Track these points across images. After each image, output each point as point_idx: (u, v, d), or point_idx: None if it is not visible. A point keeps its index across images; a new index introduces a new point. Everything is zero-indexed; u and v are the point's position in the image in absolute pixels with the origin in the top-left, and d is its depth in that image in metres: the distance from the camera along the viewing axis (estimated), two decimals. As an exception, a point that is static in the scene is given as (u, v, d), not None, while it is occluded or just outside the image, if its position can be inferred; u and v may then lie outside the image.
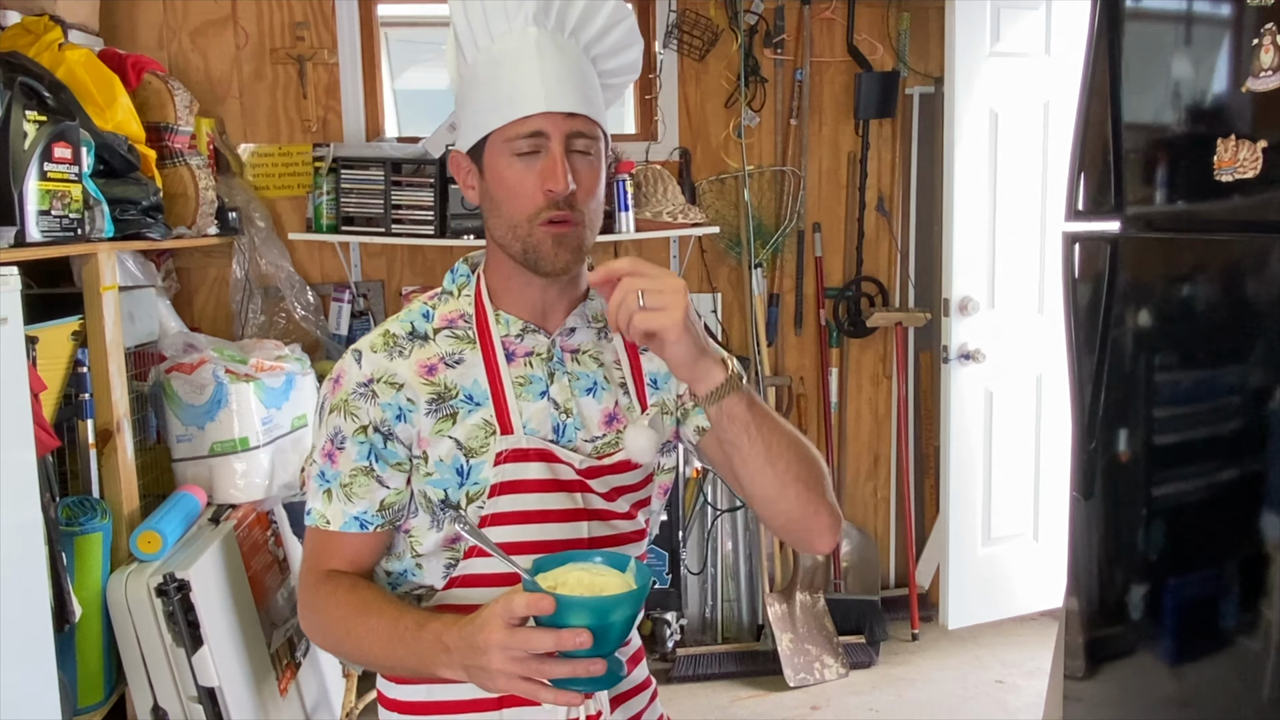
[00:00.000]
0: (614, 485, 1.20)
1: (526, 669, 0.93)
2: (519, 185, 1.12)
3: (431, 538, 1.17)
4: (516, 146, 1.11)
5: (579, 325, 1.23)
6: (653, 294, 1.03)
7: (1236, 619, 1.85)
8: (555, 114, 1.10)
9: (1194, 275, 1.96)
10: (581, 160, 1.13)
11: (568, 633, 0.91)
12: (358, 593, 1.13)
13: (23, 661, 1.73)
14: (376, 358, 1.16)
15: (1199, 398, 1.95)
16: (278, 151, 3.31)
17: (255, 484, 2.63)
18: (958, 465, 3.42)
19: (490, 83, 1.13)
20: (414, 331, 1.18)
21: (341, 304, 3.34)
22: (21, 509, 1.74)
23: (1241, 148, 1.78)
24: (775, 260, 3.63)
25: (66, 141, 2.01)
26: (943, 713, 3.14)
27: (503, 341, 1.18)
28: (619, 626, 0.94)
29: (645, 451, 1.17)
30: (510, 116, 1.11)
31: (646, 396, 1.24)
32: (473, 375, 1.17)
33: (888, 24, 3.58)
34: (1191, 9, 1.98)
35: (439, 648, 1.01)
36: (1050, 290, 3.44)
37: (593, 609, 0.92)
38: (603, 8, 1.16)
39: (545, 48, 1.12)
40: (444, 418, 1.15)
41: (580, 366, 1.21)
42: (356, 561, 1.18)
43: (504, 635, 0.93)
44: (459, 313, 1.20)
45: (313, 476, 1.18)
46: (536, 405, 1.17)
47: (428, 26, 3.76)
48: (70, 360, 2.21)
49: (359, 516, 1.15)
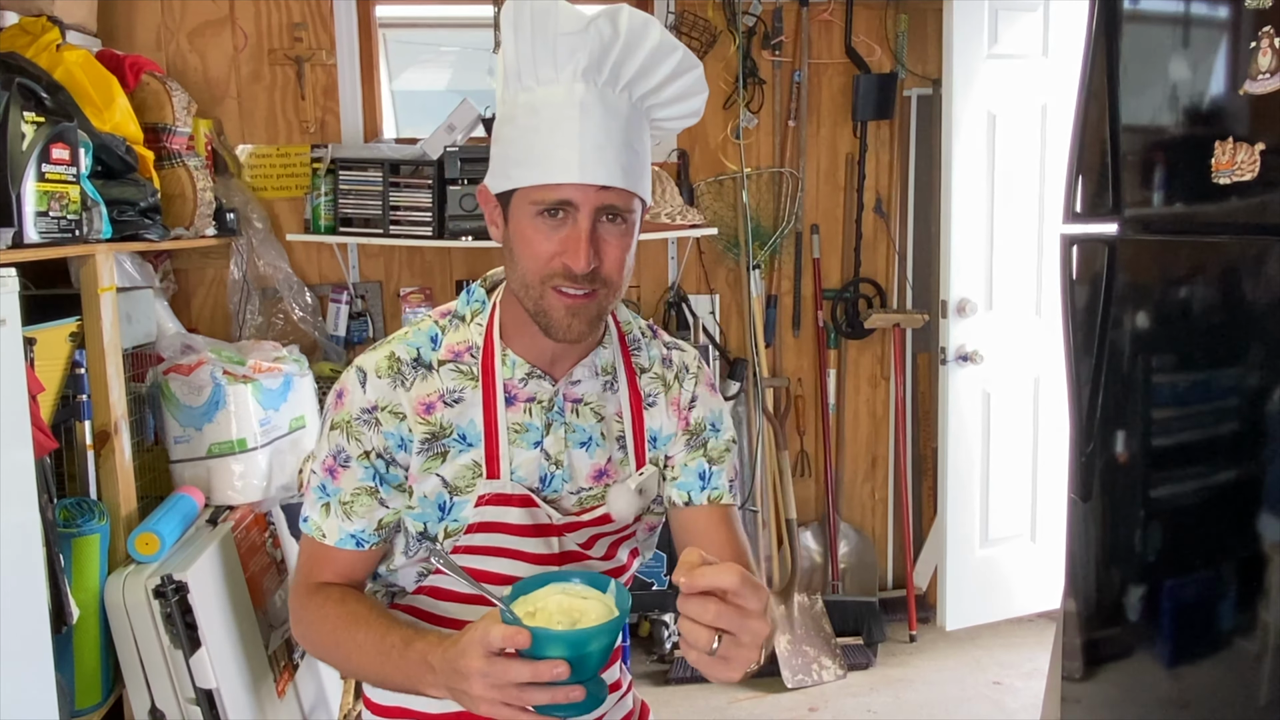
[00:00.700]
0: (593, 535, 1.20)
1: (506, 695, 0.93)
2: (538, 247, 1.07)
3: (401, 559, 1.19)
4: (541, 207, 1.06)
5: (585, 376, 1.20)
6: (731, 642, 0.90)
7: (1234, 621, 1.85)
8: (588, 186, 1.05)
9: (1192, 277, 1.96)
10: (610, 229, 1.08)
11: (545, 665, 0.91)
12: (346, 605, 1.13)
13: (20, 663, 1.72)
14: (381, 384, 1.14)
15: (1196, 400, 1.95)
16: (276, 152, 3.31)
17: (253, 485, 2.63)
18: (955, 467, 3.42)
19: (526, 132, 1.07)
20: (419, 359, 1.16)
21: (339, 305, 3.34)
22: (19, 510, 1.74)
23: (1239, 150, 1.78)
24: (773, 261, 3.63)
25: (64, 142, 2.01)
26: (940, 714, 3.14)
27: (505, 384, 1.16)
28: (596, 655, 0.94)
29: (626, 513, 1.18)
30: (540, 180, 1.05)
31: (645, 452, 1.22)
32: (470, 415, 1.15)
33: (886, 26, 3.59)
34: (1189, 11, 1.98)
35: (424, 667, 1.01)
36: (1048, 292, 3.44)
37: (569, 642, 0.92)
38: (667, 59, 1.10)
39: (590, 108, 1.05)
40: (434, 456, 1.15)
41: (579, 419, 1.19)
42: (349, 575, 1.19)
43: (483, 664, 0.93)
44: (467, 345, 1.18)
45: (312, 486, 1.18)
46: (529, 454, 1.16)
47: (426, 28, 3.76)
48: (68, 361, 2.21)
49: (355, 535, 1.16)
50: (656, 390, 1.24)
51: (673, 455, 1.24)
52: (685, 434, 1.25)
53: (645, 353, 1.26)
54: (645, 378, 1.24)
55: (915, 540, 3.78)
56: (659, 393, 1.24)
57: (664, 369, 1.26)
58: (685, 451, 1.24)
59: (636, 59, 1.07)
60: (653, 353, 1.26)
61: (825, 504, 3.71)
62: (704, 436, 1.25)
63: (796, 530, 3.58)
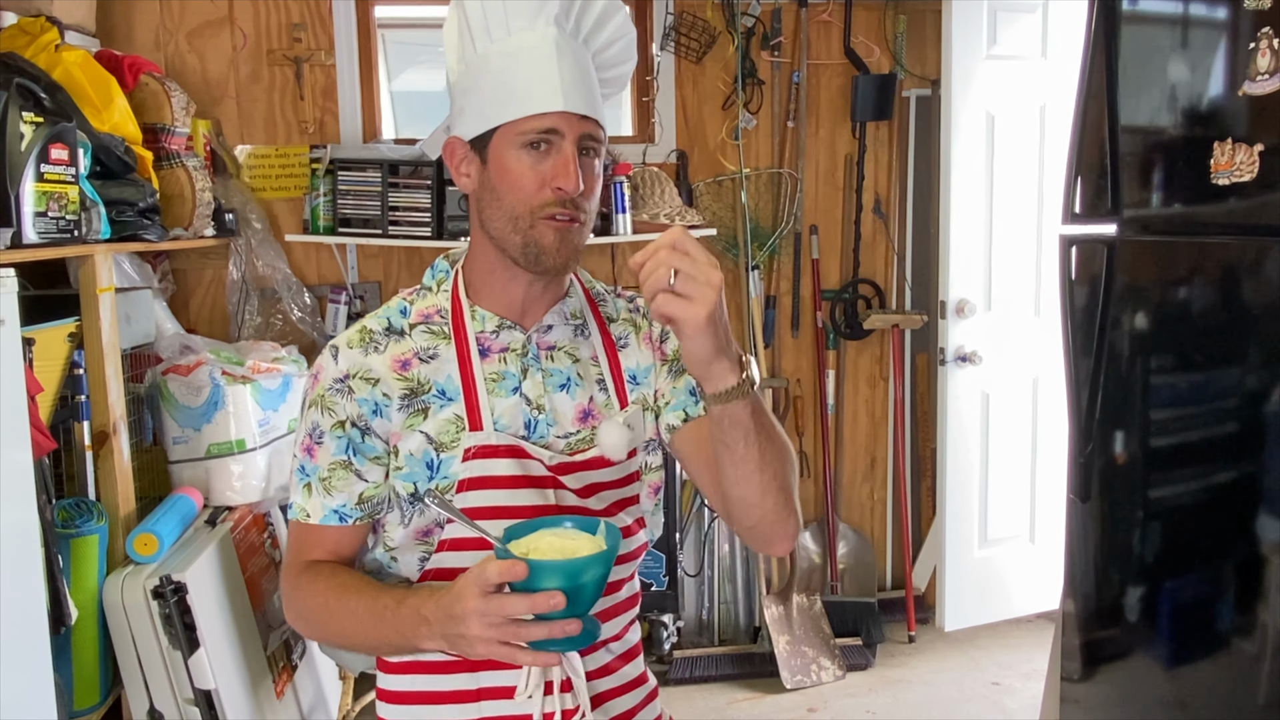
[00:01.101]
0: (589, 481, 1.20)
1: (504, 633, 0.95)
2: (526, 178, 1.13)
3: (400, 532, 1.18)
4: (529, 140, 1.12)
5: (556, 323, 1.23)
6: (685, 278, 0.99)
7: (1233, 621, 1.85)
8: (571, 115, 1.12)
9: (1190, 278, 1.96)
10: (588, 162, 1.15)
11: (542, 596, 0.94)
12: (337, 577, 1.15)
13: (19, 664, 1.72)
14: (353, 353, 1.17)
15: (1195, 400, 1.95)
16: (275, 153, 3.31)
17: (252, 486, 2.63)
18: (954, 467, 3.42)
19: (504, 74, 1.14)
20: (390, 327, 1.20)
21: (338, 305, 3.34)
22: (18, 511, 1.74)
23: (1238, 151, 1.79)
24: (772, 262, 3.63)
25: (63, 143, 2.00)
26: (939, 714, 3.14)
27: (478, 337, 1.19)
28: (591, 587, 0.97)
29: (618, 448, 1.18)
30: (526, 111, 1.12)
31: (627, 392, 1.24)
32: (446, 370, 1.18)
33: (884, 26, 3.59)
34: (1188, 12, 1.98)
35: (418, 620, 1.03)
36: (1047, 293, 3.45)
37: (564, 571, 0.95)
38: (614, 17, 1.19)
39: (563, 48, 1.14)
40: (415, 412, 1.16)
41: (555, 363, 1.22)
42: (337, 552, 1.20)
43: (480, 602, 0.95)
44: (435, 308, 1.21)
45: (294, 471, 1.20)
46: (509, 401, 1.18)
47: (425, 28, 3.76)
48: (67, 362, 2.21)
49: (338, 510, 1.17)
50: (627, 332, 1.28)
51: (659, 388, 1.26)
52: (663, 364, 1.27)
53: (611, 304, 1.30)
54: (615, 325, 1.28)
55: (914, 541, 3.78)
56: (629, 333, 1.28)
57: (631, 314, 1.30)
58: (670, 378, 1.26)
59: (593, 13, 1.18)
60: (619, 304, 1.31)
61: (824, 504, 3.71)
62: (682, 363, 1.25)
63: (795, 531, 3.57)
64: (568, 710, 1.14)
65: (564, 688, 1.14)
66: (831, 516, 3.68)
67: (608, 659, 1.23)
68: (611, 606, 1.23)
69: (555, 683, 1.14)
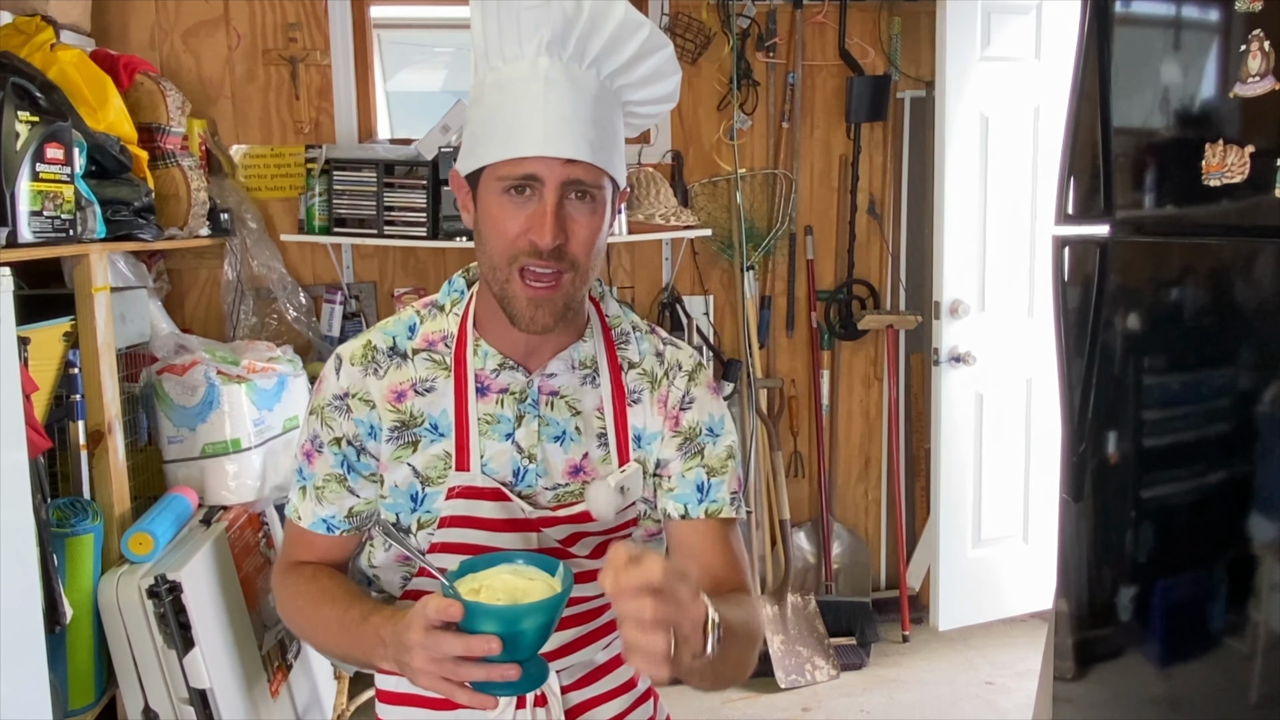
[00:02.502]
0: (574, 532, 1.16)
1: (443, 669, 0.93)
2: (504, 224, 1.05)
3: (381, 554, 1.19)
4: (506, 184, 1.04)
5: (561, 370, 1.17)
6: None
7: (1225, 621, 1.86)
8: (553, 160, 1.02)
9: (1183, 279, 1.97)
10: (578, 207, 1.05)
11: (477, 639, 0.92)
12: (317, 582, 1.15)
13: (14, 663, 1.72)
14: (354, 372, 1.15)
15: (1187, 400, 1.96)
16: (270, 153, 3.31)
17: (247, 485, 2.63)
18: (948, 467, 3.43)
19: (493, 110, 1.06)
20: (395, 347, 1.16)
21: (333, 305, 3.34)
22: (13, 510, 1.73)
23: (1229, 153, 1.80)
24: (767, 263, 3.64)
25: (58, 142, 2.00)
26: (933, 714, 3.15)
27: (477, 374, 1.14)
28: (532, 634, 0.94)
29: (606, 511, 1.13)
30: (504, 155, 1.04)
31: (629, 450, 1.18)
32: (441, 405, 1.14)
33: (879, 28, 3.60)
34: (1180, 15, 1.99)
35: (376, 640, 1.02)
36: (1040, 293, 3.46)
37: (501, 617, 0.92)
38: (633, 37, 1.07)
39: (555, 81, 1.04)
40: (404, 445, 1.14)
41: (554, 412, 1.16)
42: (325, 557, 1.20)
43: (421, 637, 0.93)
44: (442, 334, 1.17)
45: (294, 469, 1.20)
46: (499, 446, 1.14)
47: (420, 28, 3.76)
48: (61, 361, 2.21)
49: (326, 520, 1.17)
50: (642, 387, 1.20)
51: (667, 462, 1.19)
52: (676, 437, 1.19)
53: (635, 346, 1.21)
54: (633, 373, 1.20)
55: (908, 541, 3.79)
56: (644, 389, 1.19)
57: (655, 363, 1.21)
58: (681, 459, 1.18)
59: (602, 34, 1.05)
60: (644, 346, 1.22)
61: (819, 504, 3.71)
62: (699, 442, 1.19)
63: (790, 531, 3.58)
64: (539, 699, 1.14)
65: (538, 702, 1.14)
66: (826, 516, 3.69)
67: (583, 672, 1.22)
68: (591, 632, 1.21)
69: (529, 697, 1.13)
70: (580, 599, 1.17)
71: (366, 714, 3.02)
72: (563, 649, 1.18)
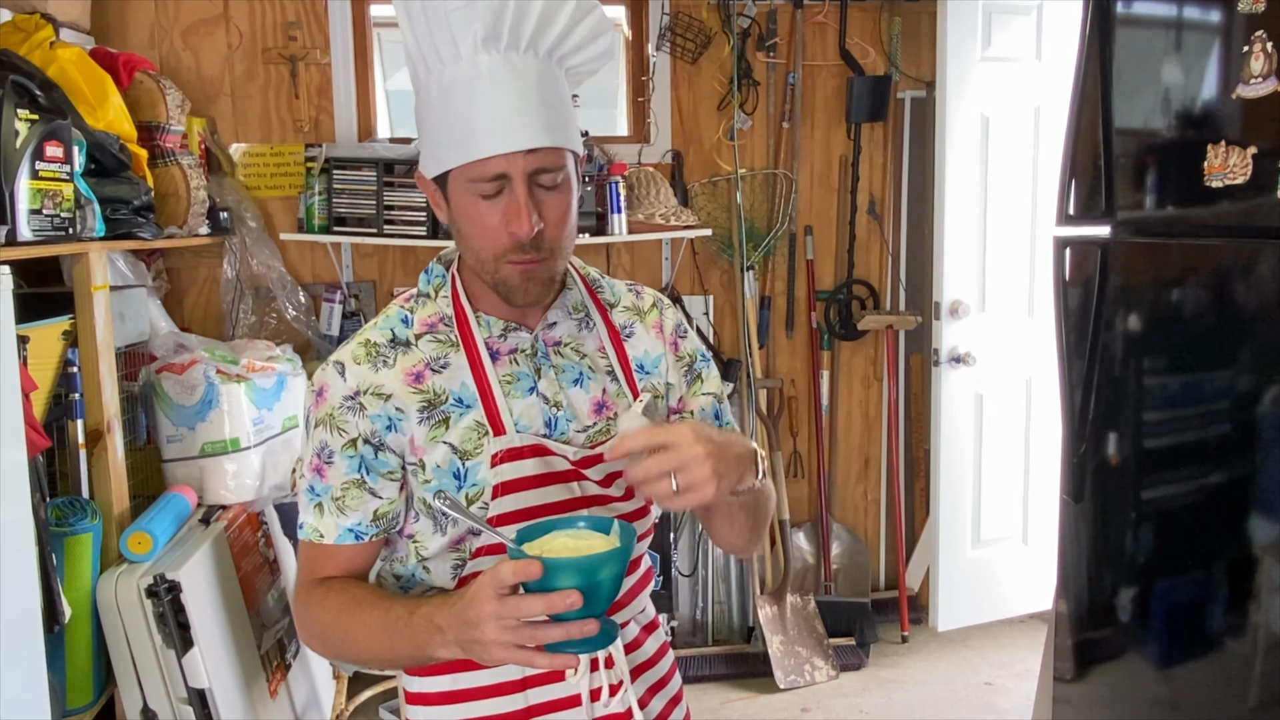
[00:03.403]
0: (609, 472, 1.19)
1: (520, 636, 0.93)
2: (483, 224, 1.09)
3: (437, 541, 1.17)
4: (479, 189, 1.07)
5: (559, 319, 1.22)
6: (684, 474, 0.99)
7: (1224, 622, 1.86)
8: (514, 154, 1.05)
9: (1184, 280, 1.97)
10: (547, 194, 1.09)
11: (558, 595, 0.92)
12: (349, 592, 1.13)
13: (12, 663, 1.72)
14: (361, 370, 1.14)
15: (1188, 402, 1.96)
16: (269, 151, 3.31)
17: (246, 485, 2.62)
18: (948, 468, 3.43)
19: (443, 113, 1.07)
20: (395, 339, 1.17)
21: (333, 305, 3.34)
22: (12, 509, 1.73)
23: (1231, 154, 1.80)
24: (767, 263, 3.64)
25: (58, 140, 2.00)
26: (932, 714, 3.15)
27: (486, 342, 1.18)
28: (607, 585, 0.95)
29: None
30: (468, 158, 1.06)
31: (636, 381, 1.24)
32: (460, 378, 1.16)
33: (879, 28, 3.60)
34: (1182, 16, 1.99)
35: (432, 629, 1.01)
36: (1040, 294, 3.46)
37: (580, 569, 0.93)
38: (561, 10, 1.09)
39: (499, 76, 1.05)
40: (437, 424, 1.14)
41: (564, 359, 1.21)
42: (351, 568, 1.18)
43: (495, 605, 0.93)
44: (438, 316, 1.19)
45: (302, 490, 1.17)
46: (526, 401, 1.17)
47: (420, 27, 3.75)
48: (61, 360, 2.20)
49: (353, 528, 1.15)
50: (631, 320, 1.27)
51: (678, 393, 1.27)
52: (679, 363, 1.28)
53: (609, 290, 1.29)
54: (616, 311, 1.27)
55: (907, 541, 3.79)
56: (634, 321, 1.27)
57: (633, 299, 1.29)
58: (686, 384, 1.28)
59: (531, 17, 1.07)
60: (617, 289, 1.29)
61: (818, 505, 3.71)
62: (697, 368, 1.29)
63: (789, 531, 3.58)
64: (613, 685, 1.17)
65: (607, 664, 1.17)
66: (825, 517, 3.69)
67: (636, 631, 1.27)
68: (635, 584, 1.26)
69: (600, 659, 1.16)
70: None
71: (366, 714, 3.02)
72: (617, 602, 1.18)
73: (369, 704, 2.90)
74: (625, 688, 1.17)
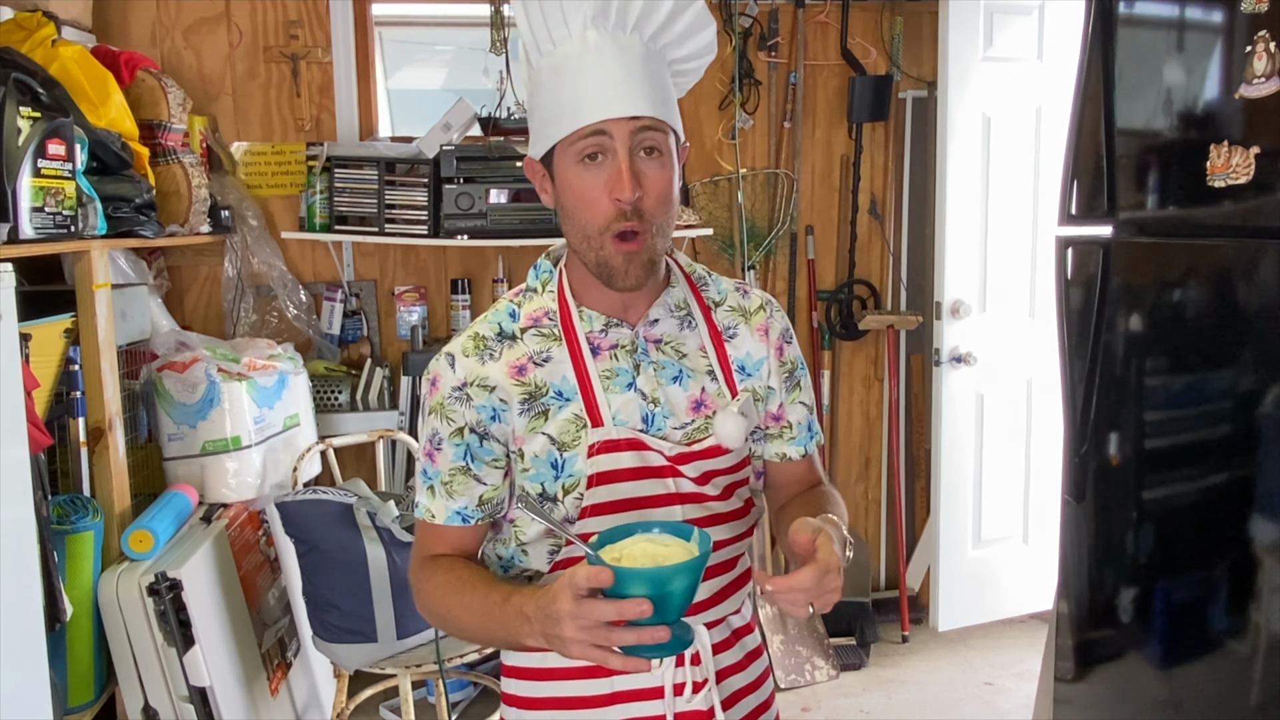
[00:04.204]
0: (705, 470, 1.22)
1: (595, 637, 0.97)
2: (587, 194, 1.13)
3: (534, 528, 1.22)
4: (581, 152, 1.12)
5: (661, 316, 1.25)
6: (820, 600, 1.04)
7: (1226, 622, 1.86)
8: (618, 120, 1.10)
9: (1186, 280, 1.97)
10: (649, 163, 1.13)
11: (629, 603, 0.96)
12: (455, 572, 1.19)
13: (14, 660, 1.72)
14: (469, 362, 1.20)
15: (1190, 402, 1.96)
16: (271, 150, 3.31)
17: (247, 483, 2.63)
18: (949, 468, 3.43)
19: (554, 90, 1.14)
20: (502, 332, 1.22)
21: (334, 303, 3.34)
22: (13, 507, 1.73)
23: (1234, 154, 1.80)
24: (768, 262, 3.64)
25: (60, 138, 2.00)
26: (933, 714, 3.15)
27: (587, 337, 1.21)
28: (679, 595, 0.98)
29: (735, 437, 1.21)
30: (573, 126, 1.11)
31: (735, 382, 1.26)
32: (561, 372, 1.20)
33: (881, 28, 3.60)
34: (1184, 16, 1.99)
35: (521, 618, 1.06)
36: (1041, 294, 3.46)
37: (650, 579, 0.97)
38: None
39: (605, 50, 1.12)
40: (536, 415, 1.19)
41: (664, 355, 1.24)
42: (459, 548, 1.24)
43: (572, 606, 0.97)
44: (543, 310, 1.23)
45: (418, 473, 1.25)
46: (624, 397, 1.20)
47: (422, 26, 3.76)
48: (62, 358, 2.21)
49: (460, 511, 1.22)
50: (735, 321, 1.29)
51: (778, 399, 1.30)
52: (782, 368, 1.30)
53: (714, 287, 1.31)
54: (720, 311, 1.29)
55: (908, 541, 3.79)
56: (738, 323, 1.29)
57: (739, 299, 1.31)
58: (786, 392, 1.31)
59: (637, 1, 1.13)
60: (722, 287, 1.32)
61: (818, 505, 3.71)
62: (796, 376, 1.32)
63: (790, 531, 3.58)
64: (697, 683, 1.20)
65: (693, 660, 1.20)
66: (826, 516, 3.68)
67: (727, 634, 1.28)
68: (729, 584, 1.28)
69: (685, 655, 1.19)
70: (717, 543, 1.22)
71: (366, 713, 3.02)
72: (708, 600, 1.23)
73: (369, 703, 2.90)
74: (710, 686, 1.21)
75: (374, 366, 3.22)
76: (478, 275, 3.44)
